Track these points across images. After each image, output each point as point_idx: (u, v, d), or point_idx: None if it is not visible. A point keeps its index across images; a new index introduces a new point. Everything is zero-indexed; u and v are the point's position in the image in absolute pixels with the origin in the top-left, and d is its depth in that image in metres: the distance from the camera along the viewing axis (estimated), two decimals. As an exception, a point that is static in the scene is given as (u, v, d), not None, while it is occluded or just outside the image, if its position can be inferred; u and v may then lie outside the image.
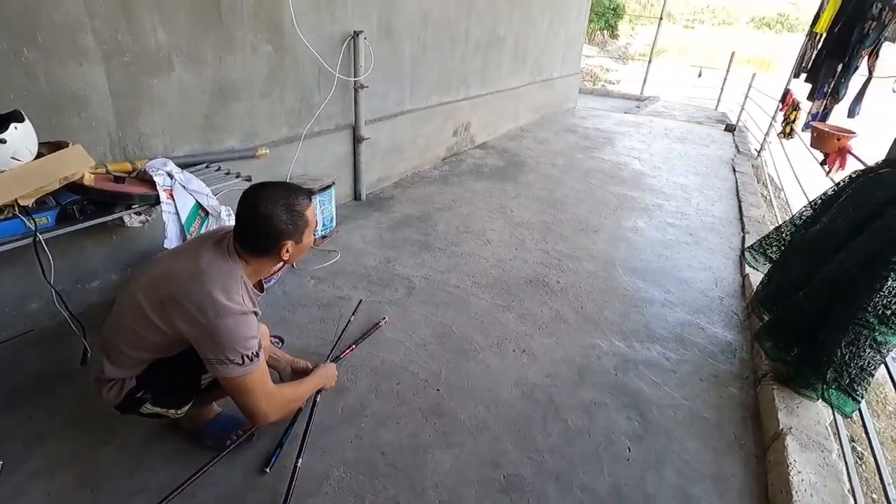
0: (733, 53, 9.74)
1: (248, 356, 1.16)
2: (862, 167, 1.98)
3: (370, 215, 3.21)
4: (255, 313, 1.21)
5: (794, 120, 3.97)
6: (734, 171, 4.89)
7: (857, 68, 2.76)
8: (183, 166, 2.18)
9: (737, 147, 5.98)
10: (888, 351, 1.48)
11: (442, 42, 3.94)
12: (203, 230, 1.94)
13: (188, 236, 1.87)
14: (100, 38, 1.87)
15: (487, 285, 2.49)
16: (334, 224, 2.89)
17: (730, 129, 6.95)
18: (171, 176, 1.90)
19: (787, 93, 4.55)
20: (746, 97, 6.98)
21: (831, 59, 2.84)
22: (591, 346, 2.10)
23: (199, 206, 1.93)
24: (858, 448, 2.16)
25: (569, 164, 4.68)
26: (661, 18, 11.89)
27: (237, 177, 2.26)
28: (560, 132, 5.98)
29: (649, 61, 11.81)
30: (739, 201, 4.01)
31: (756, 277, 2.42)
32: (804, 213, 2.03)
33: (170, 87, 2.15)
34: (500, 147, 5.07)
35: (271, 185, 1.25)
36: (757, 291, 2.16)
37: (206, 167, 2.31)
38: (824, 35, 3.35)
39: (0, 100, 1.66)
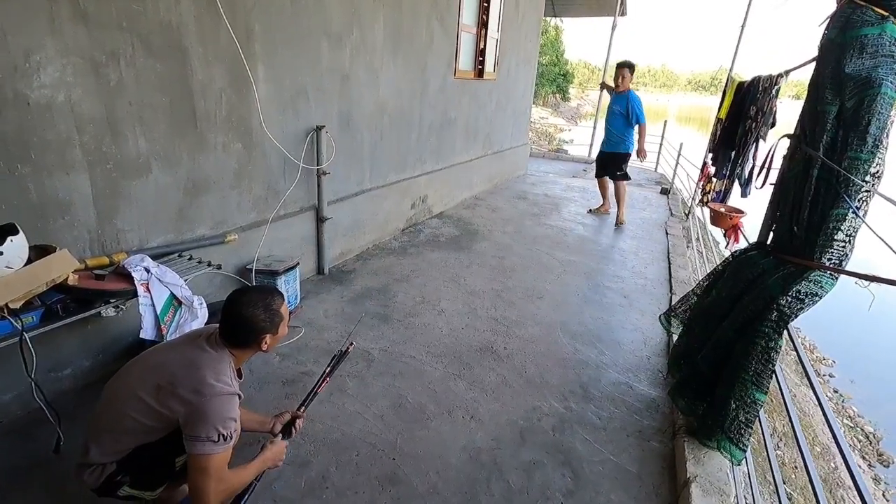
0: (666, 122, 10.81)
1: (223, 436, 1.33)
2: (744, 246, 2.39)
3: (332, 289, 3.44)
4: (239, 395, 1.43)
5: (709, 191, 4.53)
6: (667, 233, 5.42)
7: (748, 158, 3.25)
8: (156, 256, 2.40)
9: (670, 209, 6.60)
10: (760, 407, 1.79)
11: (398, 128, 4.37)
12: (177, 319, 2.13)
13: (163, 326, 2.05)
14: (86, 150, 2.12)
15: (441, 354, 2.72)
16: (298, 300, 3.10)
17: (664, 192, 7.65)
18: (147, 270, 2.10)
19: (704, 164, 5.18)
20: (677, 163, 7.76)
21: (725, 148, 3.37)
22: (533, 408, 2.34)
23: (173, 296, 2.13)
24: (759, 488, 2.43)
25: (518, 231, 5.08)
26: (601, 90, 13.07)
27: (208, 265, 2.48)
28: (511, 199, 6.47)
29: (594, 125, 12.87)
30: (669, 263, 4.47)
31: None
32: (703, 284, 2.41)
33: (147, 187, 2.39)
34: (455, 216, 5.46)
35: (251, 289, 1.54)
36: (672, 352, 2.48)
37: (179, 256, 2.52)
38: (724, 122, 3.95)
39: (-6, 212, 1.86)
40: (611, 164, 5.52)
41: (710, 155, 4.13)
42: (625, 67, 5.23)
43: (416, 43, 4.33)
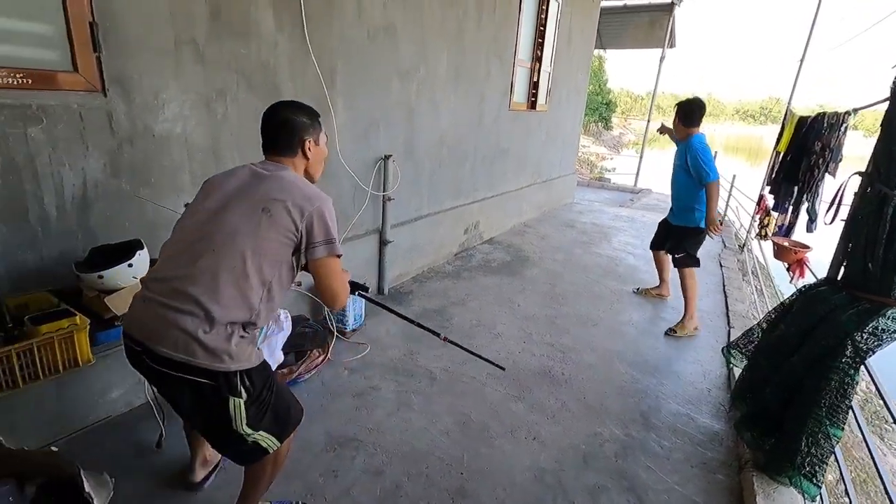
0: (716, 153, 10.63)
1: (336, 237, 1.38)
2: (812, 281, 2.38)
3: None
4: None
5: (768, 224, 4.47)
6: (721, 265, 5.33)
7: (817, 193, 3.21)
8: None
9: (723, 241, 6.48)
10: (836, 442, 1.78)
11: (455, 156, 4.57)
12: (264, 331, 2.31)
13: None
14: (194, 175, 2.38)
15: (500, 377, 2.80)
16: (363, 319, 3.27)
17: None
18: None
19: (761, 198, 5.11)
20: (730, 195, 7.63)
21: (787, 183, 3.37)
22: (594, 433, 2.38)
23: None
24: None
25: (568, 259, 5.13)
26: (648, 120, 13.06)
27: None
28: (560, 227, 6.53)
29: (641, 155, 12.81)
30: (725, 296, 4.40)
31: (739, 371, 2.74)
32: (769, 318, 2.41)
33: (240, 209, 2.63)
34: (505, 242, 5.57)
35: (284, 101, 1.54)
36: (736, 385, 2.47)
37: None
38: (784, 155, 3.93)
39: (121, 229, 2.12)
40: (674, 239, 3.66)
41: (769, 188, 4.11)
42: (678, 109, 3.47)
43: (474, 78, 4.56)
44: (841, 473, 1.83)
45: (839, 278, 2.14)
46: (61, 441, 1.99)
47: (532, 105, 5.93)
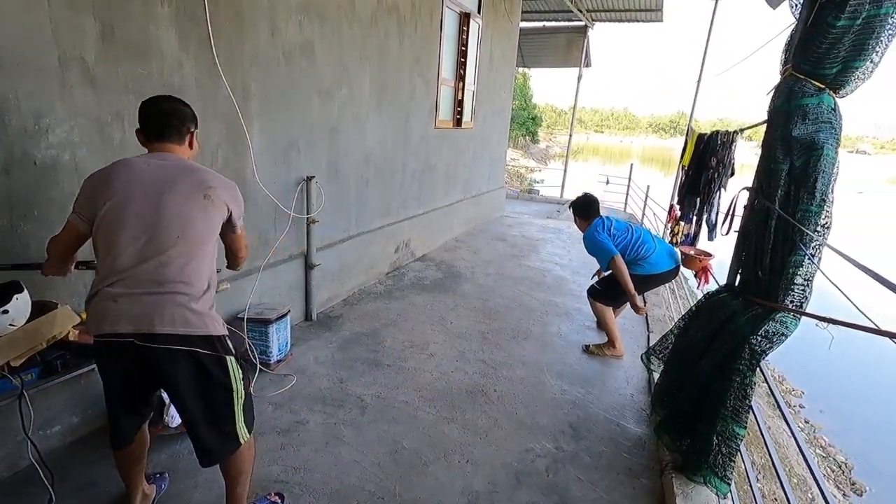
0: (632, 165, 11.40)
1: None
2: (714, 287, 2.57)
3: (321, 335, 3.46)
4: None
5: (678, 232, 4.81)
6: (640, 272, 5.65)
7: (713, 205, 3.50)
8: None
9: (642, 248, 6.90)
10: (741, 440, 1.92)
11: (383, 175, 4.53)
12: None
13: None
14: (87, 206, 2.17)
15: (433, 399, 2.77)
16: (289, 347, 3.12)
17: (635, 231, 7.99)
18: (145, 323, 2.12)
19: (671, 207, 5.50)
20: (645, 205, 8.17)
21: (690, 195, 3.64)
22: (526, 449, 2.40)
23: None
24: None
25: (500, 273, 5.23)
26: (570, 135, 13.76)
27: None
28: (491, 241, 6.66)
29: (565, 168, 13.43)
30: (644, 301, 4.65)
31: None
32: (679, 325, 2.57)
33: (144, 240, 2.43)
34: (437, 259, 5.58)
35: (163, 94, 1.67)
36: (654, 390, 2.60)
37: (172, 307, 2.53)
38: (687, 170, 4.26)
39: (-3, 269, 1.88)
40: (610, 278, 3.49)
41: (676, 199, 4.43)
42: (574, 209, 3.64)
43: (399, 96, 4.56)
44: (745, 469, 1.96)
45: (736, 284, 2.33)
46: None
47: (458, 122, 6.03)
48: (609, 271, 3.41)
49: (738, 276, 2.29)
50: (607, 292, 3.51)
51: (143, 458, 1.78)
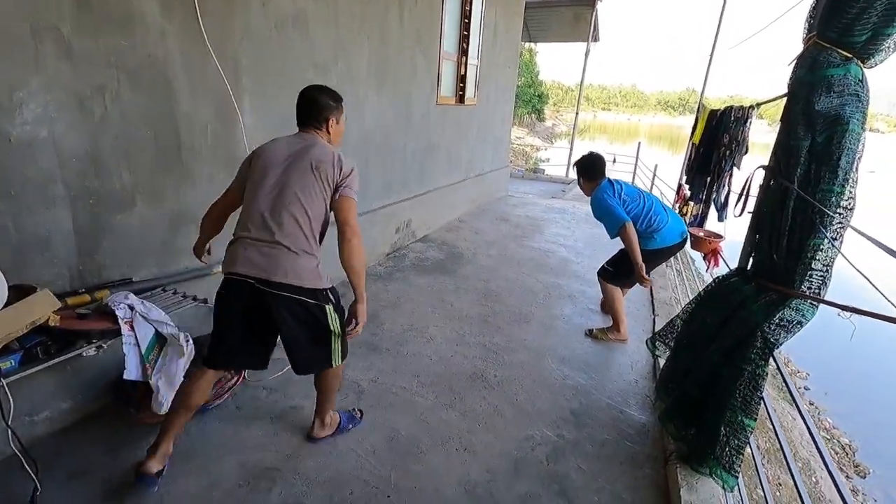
0: (639, 143, 11.15)
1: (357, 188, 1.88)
2: (724, 270, 2.46)
3: (319, 318, 3.39)
4: None
5: (686, 213, 4.67)
6: (646, 253, 5.53)
7: (724, 185, 3.36)
8: (140, 290, 2.34)
9: (648, 229, 6.76)
10: (751, 432, 1.84)
11: (383, 154, 4.40)
12: (163, 357, 2.07)
13: (147, 365, 2.00)
14: (69, 186, 2.08)
15: (431, 384, 2.71)
16: (285, 331, 3.05)
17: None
18: (131, 308, 2.05)
19: (680, 187, 5.34)
20: (652, 184, 7.98)
21: (700, 174, 3.50)
22: (526, 437, 2.34)
23: (158, 335, 2.08)
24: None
25: (502, 254, 5.13)
26: (577, 113, 13.46)
27: (193, 299, 2.43)
28: (493, 221, 6.54)
29: (571, 147, 13.19)
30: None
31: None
32: (687, 309, 2.47)
33: (131, 221, 2.35)
34: (439, 239, 5.48)
35: (315, 84, 1.95)
36: (659, 376, 2.52)
37: (163, 290, 2.46)
38: (697, 148, 4.09)
39: (-28, 252, 1.80)
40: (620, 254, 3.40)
41: (685, 178, 4.28)
42: (578, 168, 3.34)
43: (399, 72, 4.40)
44: (753, 458, 1.89)
45: (749, 268, 2.21)
46: None
47: (461, 99, 5.85)
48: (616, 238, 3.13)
49: (751, 260, 2.18)
50: (617, 272, 3.33)
51: (195, 407, 1.90)
